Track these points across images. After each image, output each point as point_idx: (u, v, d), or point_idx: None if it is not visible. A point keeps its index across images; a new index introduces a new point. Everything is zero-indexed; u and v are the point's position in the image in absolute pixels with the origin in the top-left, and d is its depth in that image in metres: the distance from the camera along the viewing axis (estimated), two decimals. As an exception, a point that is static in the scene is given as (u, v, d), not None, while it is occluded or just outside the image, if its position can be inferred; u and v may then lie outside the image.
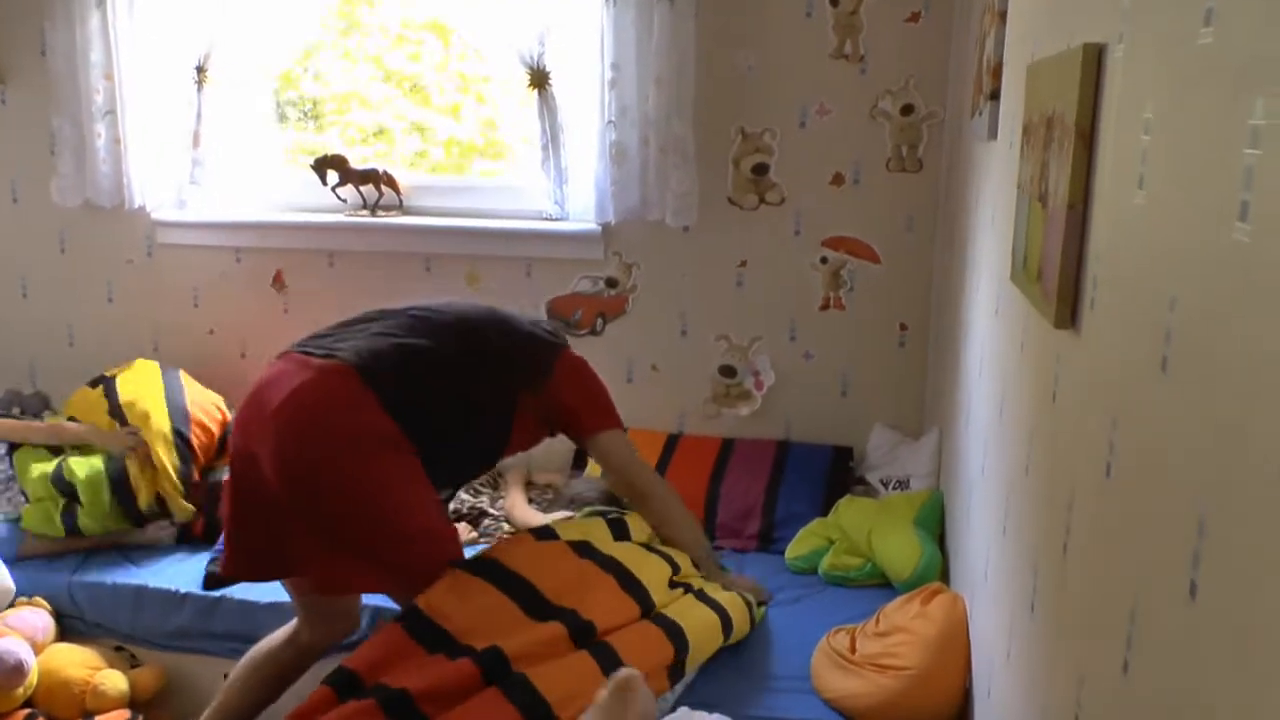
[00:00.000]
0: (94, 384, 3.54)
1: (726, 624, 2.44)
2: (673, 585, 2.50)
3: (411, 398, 2.36)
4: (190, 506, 3.26)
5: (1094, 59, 1.39)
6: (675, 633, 2.30)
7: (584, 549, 2.43)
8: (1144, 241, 1.15)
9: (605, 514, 2.76)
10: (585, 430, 2.67)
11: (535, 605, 2.23)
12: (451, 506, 3.43)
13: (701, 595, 2.50)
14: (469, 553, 2.95)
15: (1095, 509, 1.27)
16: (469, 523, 3.37)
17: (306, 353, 2.41)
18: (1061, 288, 1.43)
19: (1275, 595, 0.75)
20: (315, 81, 4.10)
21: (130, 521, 3.22)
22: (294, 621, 2.58)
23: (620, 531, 2.59)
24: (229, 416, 3.57)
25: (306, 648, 2.55)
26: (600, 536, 2.53)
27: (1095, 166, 1.38)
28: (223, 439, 3.50)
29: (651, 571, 2.45)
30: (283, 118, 4.12)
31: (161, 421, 3.34)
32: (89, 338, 4.12)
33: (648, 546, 2.59)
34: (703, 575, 2.64)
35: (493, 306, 2.71)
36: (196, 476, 3.33)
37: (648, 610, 2.34)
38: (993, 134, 2.42)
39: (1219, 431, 0.89)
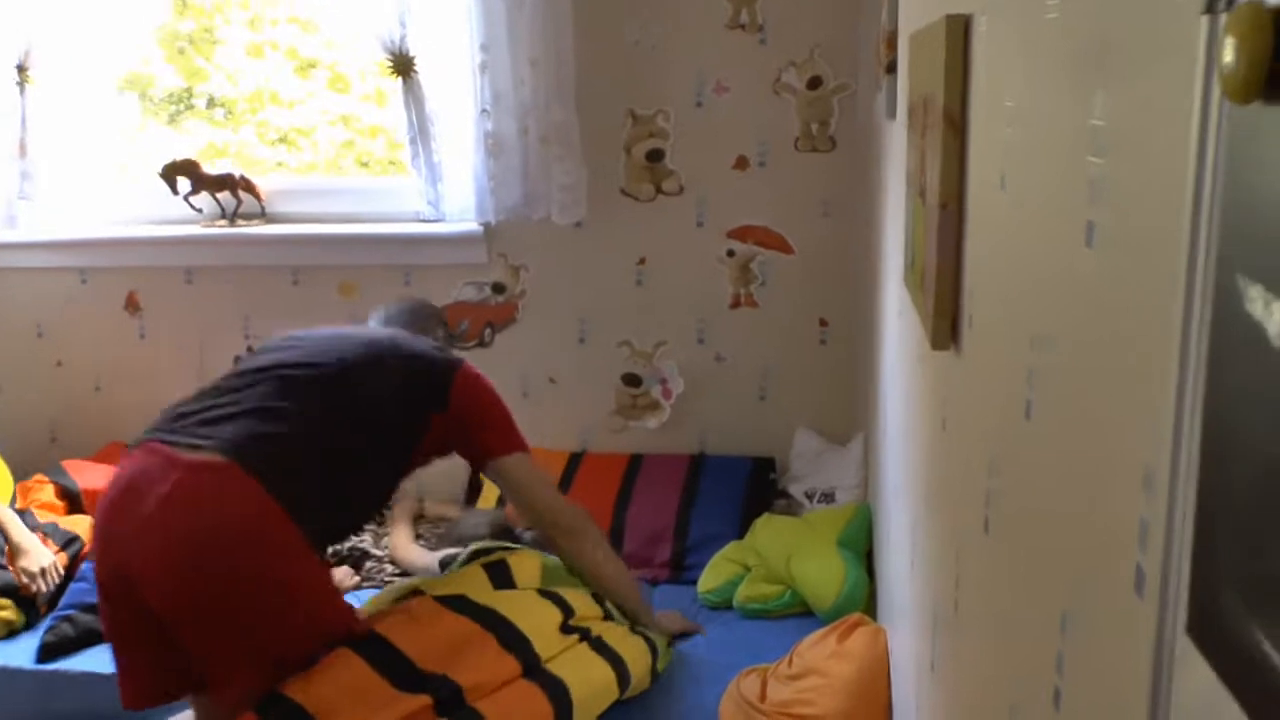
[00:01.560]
0: None
1: (623, 677, 2.36)
2: (566, 630, 2.40)
3: (298, 475, 2.26)
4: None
5: (960, 32, 1.28)
6: (558, 692, 2.21)
7: (458, 604, 2.33)
8: (1007, 256, 1.04)
9: (488, 552, 2.64)
10: (484, 454, 2.59)
11: (405, 676, 2.16)
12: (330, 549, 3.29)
13: (599, 643, 2.40)
14: (353, 599, 2.86)
15: (977, 570, 1.17)
16: (351, 565, 3.23)
17: (169, 443, 2.26)
18: (939, 301, 1.32)
19: None
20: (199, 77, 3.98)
21: None
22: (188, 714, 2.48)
23: (501, 577, 2.50)
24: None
25: None
26: (477, 586, 2.45)
27: (968, 159, 1.28)
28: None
29: (536, 619, 2.36)
30: (173, 117, 3.97)
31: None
32: (-83, 378, 3.93)
33: (544, 590, 2.48)
34: (628, 617, 2.59)
35: (374, 336, 2.62)
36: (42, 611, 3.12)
37: (530, 666, 2.25)
38: (891, 112, 2.32)
39: (1086, 510, 0.78)
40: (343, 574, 3.16)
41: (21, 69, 3.55)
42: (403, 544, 3.23)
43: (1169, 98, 0.60)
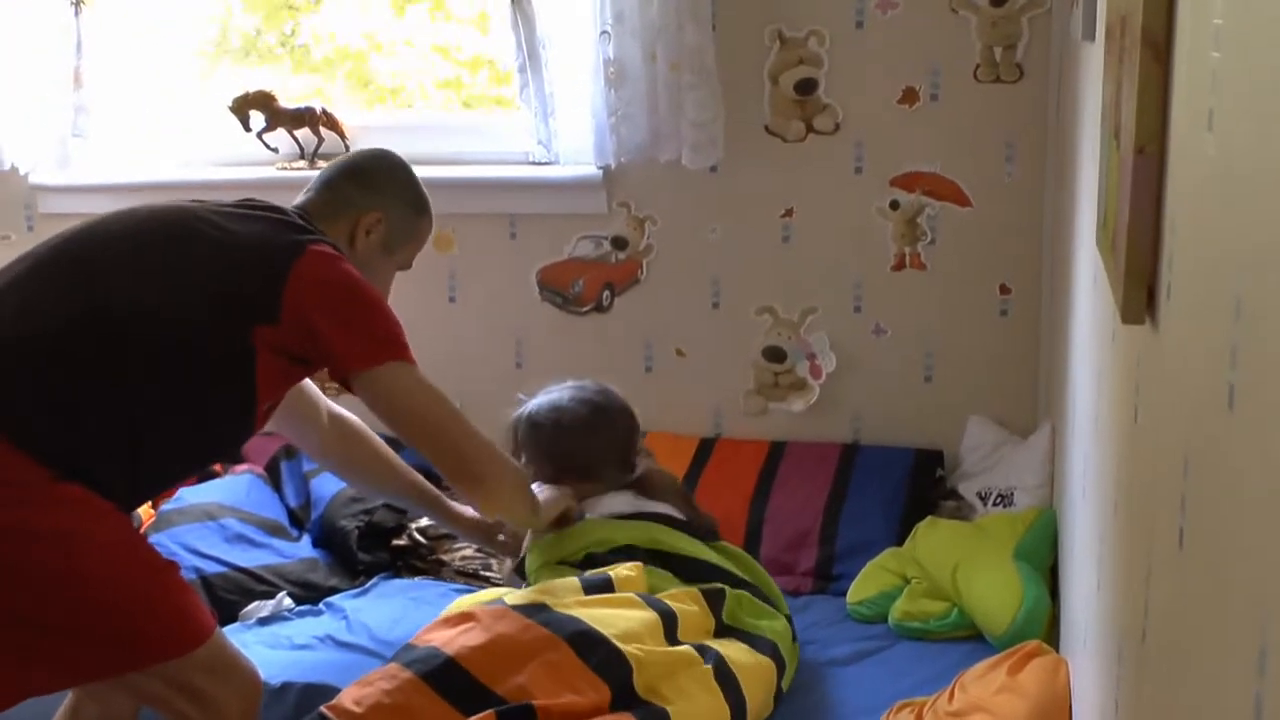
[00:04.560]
0: None
1: (738, 710, 2.37)
2: (673, 641, 2.45)
3: (39, 402, 2.17)
4: None
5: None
6: None
7: (533, 611, 2.39)
8: (1215, 212, 1.00)
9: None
10: (343, 366, 2.37)
11: (471, 697, 2.21)
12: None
13: (719, 667, 2.41)
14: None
15: (1168, 592, 1.14)
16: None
17: None
18: (1131, 265, 1.30)
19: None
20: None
21: None
22: (71, 695, 2.48)
23: (598, 584, 2.53)
24: None
25: None
26: (562, 591, 2.49)
27: (1171, 93, 1.24)
28: None
29: (628, 626, 2.39)
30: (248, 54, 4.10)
31: None
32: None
33: (643, 595, 2.53)
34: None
35: (187, 208, 2.43)
36: None
37: (622, 688, 2.28)
38: (1090, 32, 2.27)
39: None
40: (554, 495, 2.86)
41: (78, -14, 3.67)
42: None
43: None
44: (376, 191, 2.60)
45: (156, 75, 3.91)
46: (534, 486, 2.70)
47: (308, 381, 2.66)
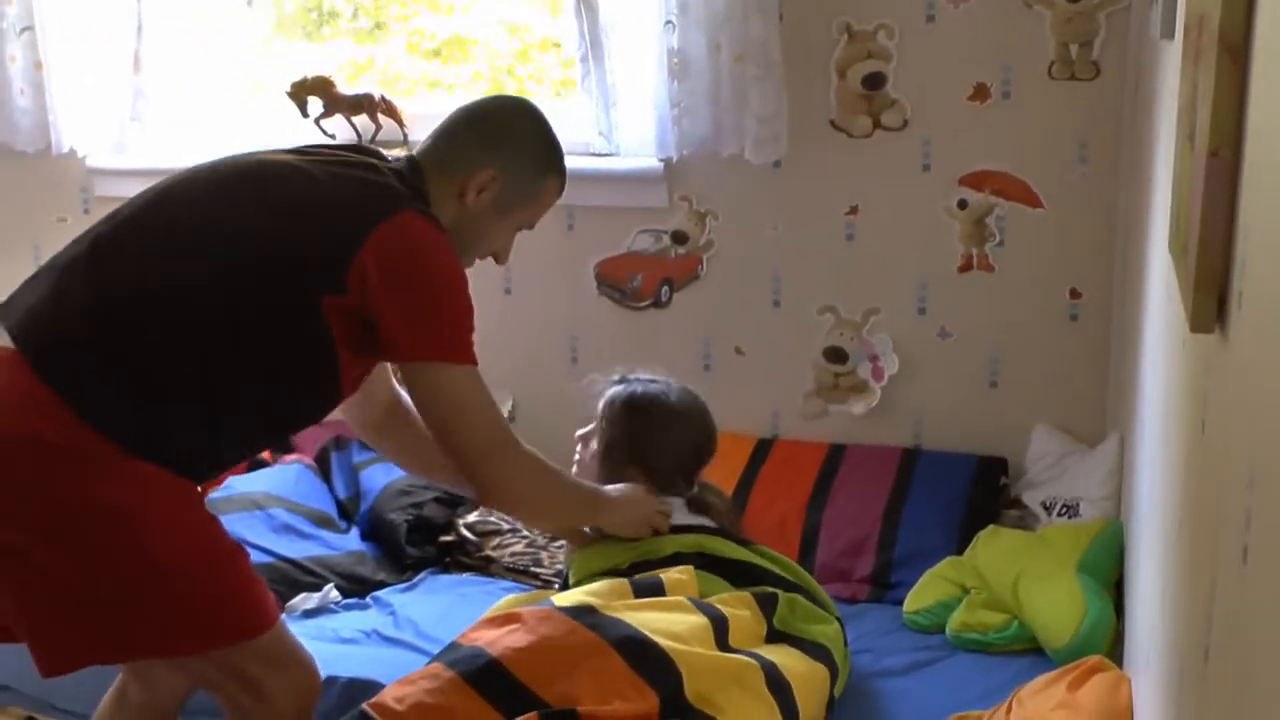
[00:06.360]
0: None
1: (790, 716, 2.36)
2: (724, 648, 2.43)
3: (110, 375, 2.13)
4: None
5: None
6: None
7: (579, 613, 2.37)
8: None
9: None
10: (396, 351, 2.29)
11: (515, 700, 2.21)
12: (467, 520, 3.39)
13: (772, 675, 2.40)
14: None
15: (1231, 610, 1.13)
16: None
17: None
18: (1201, 270, 1.29)
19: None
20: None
21: None
22: (120, 677, 2.52)
23: (648, 588, 2.52)
24: None
25: (137, 709, 2.49)
26: (610, 594, 2.47)
27: (1248, 95, 1.23)
28: None
29: (677, 630, 2.37)
30: (310, 33, 4.13)
31: None
32: (16, 318, 4.16)
33: (694, 600, 2.52)
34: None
35: (274, 160, 2.33)
36: None
37: (671, 696, 2.26)
38: (1169, 30, 2.25)
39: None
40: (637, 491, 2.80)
41: (139, -33, 3.73)
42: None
43: None
44: (495, 146, 2.43)
45: (215, 59, 3.95)
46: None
47: None
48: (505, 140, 2.45)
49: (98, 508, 2.10)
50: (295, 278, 2.21)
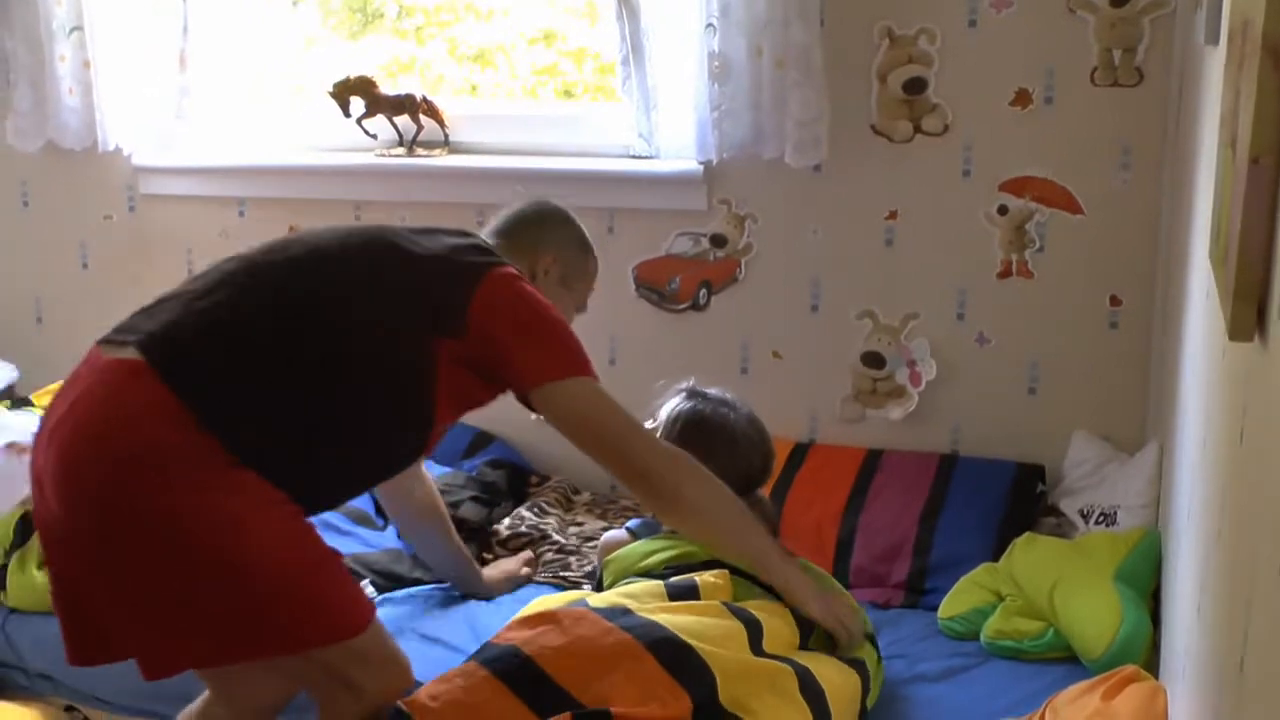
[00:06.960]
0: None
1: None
2: (759, 653, 2.42)
3: (231, 388, 2.28)
4: None
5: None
6: None
7: (614, 614, 2.37)
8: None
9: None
10: (524, 380, 2.48)
11: (548, 700, 2.21)
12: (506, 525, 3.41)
13: (805, 679, 2.39)
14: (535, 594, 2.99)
15: (1268, 622, 1.12)
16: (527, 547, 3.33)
17: (107, 340, 2.36)
18: (1241, 278, 1.28)
19: None
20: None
21: None
22: (204, 696, 2.56)
23: (682, 591, 2.51)
24: None
25: None
26: (645, 596, 2.48)
27: (1290, 102, 1.22)
28: None
29: (712, 634, 2.37)
30: (354, 33, 4.14)
31: None
32: (59, 313, 4.23)
33: (729, 604, 2.50)
34: (762, 576, 2.59)
35: (385, 225, 2.65)
36: None
37: (705, 700, 2.26)
38: (1213, 36, 2.23)
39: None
40: (513, 564, 3.24)
41: (185, -33, 3.75)
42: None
43: None
44: (547, 235, 2.77)
45: (260, 58, 3.98)
46: None
47: None
48: (554, 229, 2.81)
49: (205, 517, 2.19)
50: (415, 320, 2.42)
